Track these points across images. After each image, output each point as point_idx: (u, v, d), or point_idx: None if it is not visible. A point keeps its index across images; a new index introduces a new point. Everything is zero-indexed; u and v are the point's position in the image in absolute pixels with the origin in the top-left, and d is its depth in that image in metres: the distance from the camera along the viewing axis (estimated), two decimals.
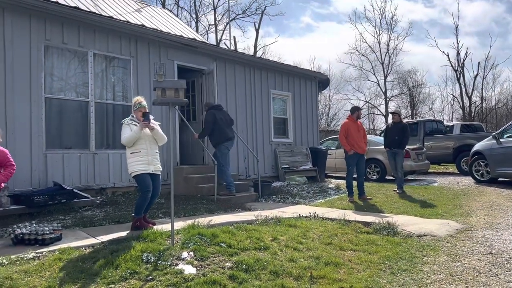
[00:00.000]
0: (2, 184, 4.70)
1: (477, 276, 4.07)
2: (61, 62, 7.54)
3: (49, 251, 4.24)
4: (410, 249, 4.98)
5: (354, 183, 8.69)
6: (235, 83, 10.60)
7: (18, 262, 3.91)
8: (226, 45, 31.86)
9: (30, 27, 7.04)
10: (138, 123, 5.14)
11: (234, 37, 31.86)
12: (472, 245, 5.10)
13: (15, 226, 4.96)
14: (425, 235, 5.59)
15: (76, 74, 7.76)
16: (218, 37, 34.42)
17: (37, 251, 4.20)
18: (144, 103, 5.27)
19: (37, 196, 6.32)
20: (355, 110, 8.89)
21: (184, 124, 8.94)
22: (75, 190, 6.95)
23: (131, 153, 5.16)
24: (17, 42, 6.88)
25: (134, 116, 5.28)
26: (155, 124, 5.25)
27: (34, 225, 4.90)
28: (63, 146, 7.43)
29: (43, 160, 7.06)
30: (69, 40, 7.53)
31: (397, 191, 9.23)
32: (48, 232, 4.63)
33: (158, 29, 9.70)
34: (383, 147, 10.24)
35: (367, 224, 6.09)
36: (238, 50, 28.25)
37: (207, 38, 33.06)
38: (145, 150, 5.12)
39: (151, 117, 5.22)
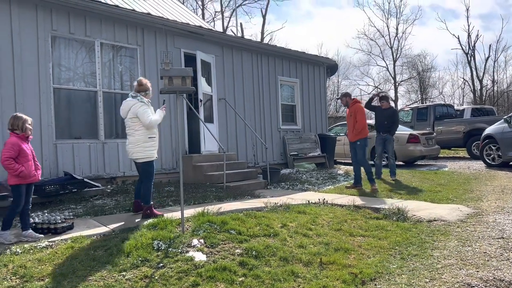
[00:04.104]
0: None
1: (488, 260, 4.05)
2: (68, 52, 7.56)
3: (61, 239, 4.30)
4: (420, 234, 4.97)
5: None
6: (243, 70, 10.55)
7: (31, 251, 3.97)
8: (233, 31, 31.65)
9: (37, 18, 7.04)
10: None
11: (241, 24, 31.77)
12: (483, 230, 5.07)
13: None
14: (435, 220, 5.56)
15: (83, 64, 7.78)
16: (225, 24, 34.21)
17: (49, 240, 4.26)
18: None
19: (49, 185, 6.40)
20: (340, 97, 8.69)
21: (192, 113, 8.94)
22: (85, 180, 7.02)
23: (149, 137, 5.19)
24: (24, 33, 6.90)
25: (144, 98, 5.34)
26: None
27: (46, 214, 4.98)
28: (72, 136, 7.49)
29: (54, 150, 7.13)
30: (75, 30, 7.53)
31: (389, 178, 9.02)
32: (60, 221, 4.69)
33: (164, 17, 9.64)
34: None
35: (376, 210, 6.08)
36: (245, 37, 28.05)
37: (214, 25, 32.82)
38: (157, 136, 5.17)
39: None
